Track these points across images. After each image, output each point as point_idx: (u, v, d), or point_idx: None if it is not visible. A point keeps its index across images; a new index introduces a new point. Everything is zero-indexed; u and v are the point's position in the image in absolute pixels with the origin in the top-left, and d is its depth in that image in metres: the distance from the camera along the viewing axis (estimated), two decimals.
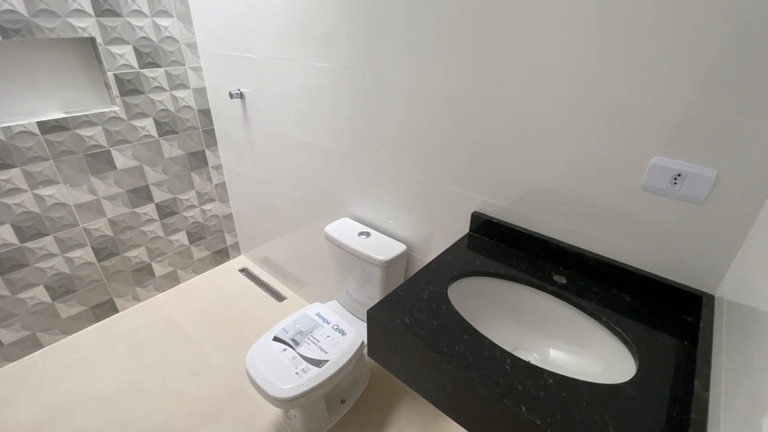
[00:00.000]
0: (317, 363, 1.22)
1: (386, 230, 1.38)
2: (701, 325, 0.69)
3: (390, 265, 1.24)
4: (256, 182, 1.93)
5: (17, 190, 1.49)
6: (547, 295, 0.88)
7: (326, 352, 1.26)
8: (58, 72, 1.53)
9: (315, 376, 1.18)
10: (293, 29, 1.31)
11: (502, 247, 1.02)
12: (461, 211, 1.11)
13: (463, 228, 1.12)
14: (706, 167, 0.68)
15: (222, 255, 2.34)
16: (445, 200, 1.14)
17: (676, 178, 0.71)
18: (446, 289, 0.86)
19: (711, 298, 0.75)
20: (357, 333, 1.34)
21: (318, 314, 1.43)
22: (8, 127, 1.41)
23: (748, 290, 0.58)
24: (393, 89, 1.12)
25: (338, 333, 1.35)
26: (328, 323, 1.39)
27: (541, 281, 0.89)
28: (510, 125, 0.91)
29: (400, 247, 1.28)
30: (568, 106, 0.80)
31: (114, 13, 1.53)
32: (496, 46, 0.86)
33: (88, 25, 1.49)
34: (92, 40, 1.54)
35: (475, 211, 1.07)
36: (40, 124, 1.47)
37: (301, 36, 1.30)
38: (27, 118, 1.47)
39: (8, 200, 1.48)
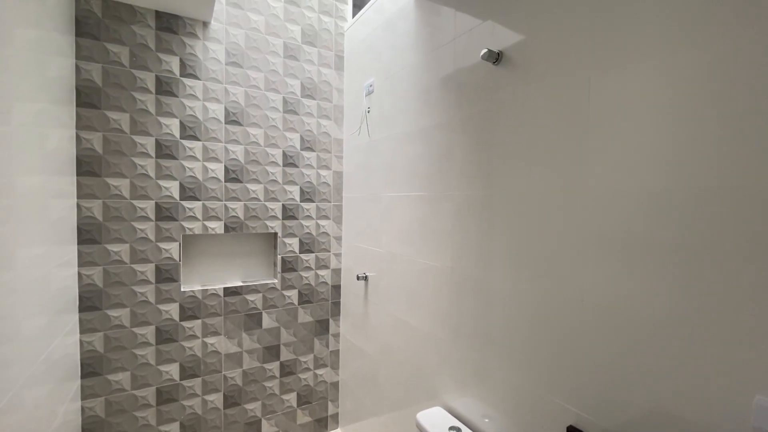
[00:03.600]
0: None
1: (478, 429, 1.31)
2: None
3: None
4: (365, 355, 2.11)
5: (194, 337, 1.97)
6: None
7: None
8: (246, 254, 2.18)
9: None
10: (411, 233, 1.68)
11: None
12: (556, 422, 1.04)
13: None
14: None
15: (321, 425, 2.39)
16: (541, 407, 1.09)
17: None
18: None
19: None
20: None
21: None
22: (206, 290, 1.99)
23: None
24: (494, 293, 1.27)
25: None
26: None
27: None
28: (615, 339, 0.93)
29: None
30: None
31: (293, 218, 2.21)
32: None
33: (276, 225, 2.16)
34: (275, 234, 2.20)
35: (570, 425, 0.99)
36: (225, 289, 2.04)
37: (416, 238, 1.64)
38: (218, 284, 2.06)
39: (186, 343, 1.95)
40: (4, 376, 1.04)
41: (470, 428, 1.33)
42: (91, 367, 1.74)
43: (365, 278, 2.08)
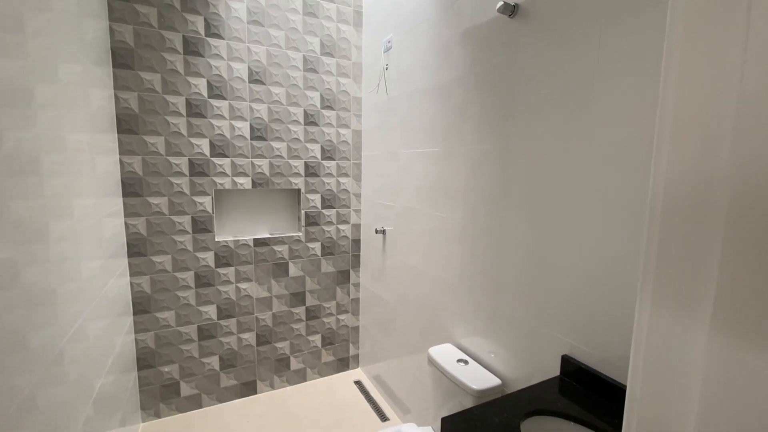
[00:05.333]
0: None
1: (484, 362, 1.46)
2: None
3: (481, 396, 1.30)
4: (383, 303, 2.28)
5: (228, 282, 2.17)
6: None
7: None
8: (273, 208, 2.33)
9: None
10: (427, 187, 1.76)
11: (591, 395, 1.01)
12: (553, 352, 1.16)
13: (554, 370, 1.16)
14: None
15: (344, 363, 2.63)
16: (540, 339, 1.22)
17: None
18: (520, 421, 0.92)
19: None
20: None
21: None
22: (237, 240, 2.17)
23: None
24: (506, 243, 1.37)
25: None
26: None
27: None
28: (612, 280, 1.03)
29: (494, 381, 1.34)
30: None
31: (315, 175, 2.32)
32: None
33: (299, 182, 2.29)
34: (299, 191, 2.32)
35: (564, 354, 1.11)
36: (255, 240, 2.21)
37: (433, 193, 1.73)
38: (248, 235, 2.23)
39: (221, 287, 2.16)
40: (71, 310, 1.21)
41: (477, 361, 1.48)
42: (141, 306, 1.97)
43: (383, 232, 2.21)
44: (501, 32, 1.31)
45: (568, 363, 1.10)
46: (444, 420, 0.91)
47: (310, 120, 2.26)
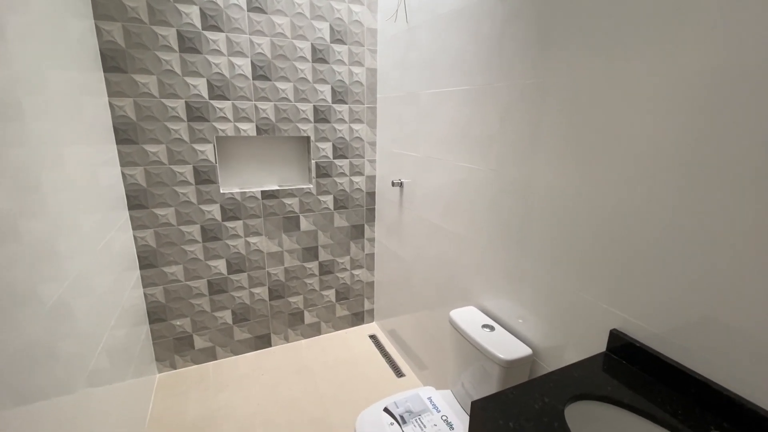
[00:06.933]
0: None
1: (512, 328, 1.33)
2: None
3: (510, 366, 1.19)
4: (399, 259, 2.15)
5: (237, 236, 2.06)
6: None
7: None
8: (281, 157, 2.15)
9: None
10: (452, 135, 1.54)
11: (646, 378, 0.87)
12: (599, 326, 1.01)
13: (599, 345, 1.01)
14: None
15: (358, 318, 2.58)
16: (582, 311, 1.07)
17: None
18: (564, 406, 0.79)
19: None
20: (465, 431, 1.27)
21: (430, 399, 1.43)
22: (244, 192, 2.02)
23: None
24: (537, 195, 1.18)
25: (446, 425, 1.31)
26: (438, 411, 1.37)
27: None
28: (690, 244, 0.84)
29: (525, 350, 1.22)
30: None
31: (326, 121, 2.10)
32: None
33: (308, 128, 2.08)
34: (308, 138, 2.12)
35: (614, 329, 0.96)
36: (262, 192, 2.06)
37: (457, 141, 1.51)
38: (255, 187, 2.08)
39: (230, 242, 2.05)
40: (75, 264, 1.14)
41: (504, 327, 1.36)
42: (147, 260, 1.89)
43: (400, 184, 2.02)
44: None
45: (617, 338, 0.95)
46: (475, 404, 0.79)
47: (318, 57, 2.00)
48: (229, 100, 1.86)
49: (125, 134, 1.71)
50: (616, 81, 0.91)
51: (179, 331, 2.06)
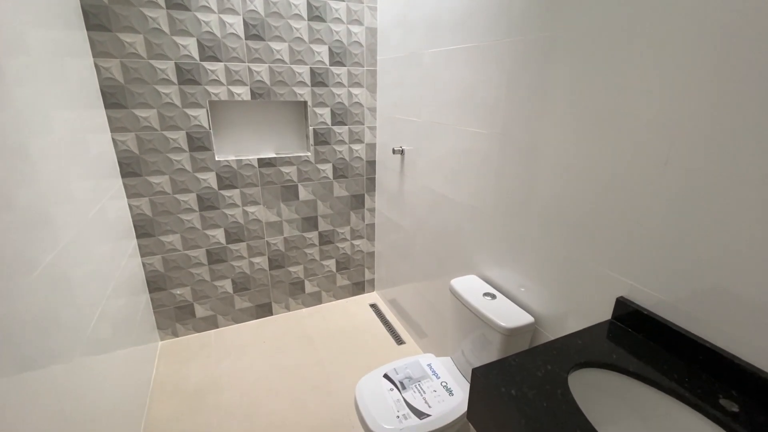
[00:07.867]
0: (419, 414, 1.21)
1: (514, 297, 1.31)
2: None
3: (512, 334, 1.17)
4: (400, 228, 2.11)
5: (234, 205, 2.02)
6: (709, 421, 0.69)
7: (430, 407, 1.24)
8: (277, 124, 2.07)
9: (414, 427, 1.17)
10: (456, 98, 1.47)
11: (651, 346, 0.85)
12: (605, 294, 0.99)
13: (604, 313, 0.99)
14: None
15: (359, 287, 2.58)
16: (587, 278, 1.03)
17: None
18: (567, 374, 0.77)
19: None
20: (465, 398, 1.28)
21: (430, 365, 1.43)
22: (240, 160, 1.96)
23: None
24: (544, 160, 1.12)
25: (446, 391, 1.31)
26: (438, 378, 1.37)
27: (701, 401, 0.71)
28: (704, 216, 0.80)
29: (527, 318, 1.20)
30: None
31: (323, 84, 2.01)
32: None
33: (305, 93, 1.99)
34: (305, 103, 2.03)
35: (620, 297, 0.94)
36: (259, 160, 2.00)
37: (462, 104, 1.44)
38: (252, 155, 2.02)
39: (227, 211, 2.01)
40: (70, 232, 1.11)
41: (505, 295, 1.34)
42: (143, 229, 1.86)
43: (401, 152, 1.95)
44: None
45: (623, 306, 0.92)
46: (476, 371, 0.77)
47: (314, 14, 1.88)
48: (221, 61, 1.77)
49: (114, 98, 1.63)
50: (638, 31, 0.83)
51: (179, 300, 2.06)
